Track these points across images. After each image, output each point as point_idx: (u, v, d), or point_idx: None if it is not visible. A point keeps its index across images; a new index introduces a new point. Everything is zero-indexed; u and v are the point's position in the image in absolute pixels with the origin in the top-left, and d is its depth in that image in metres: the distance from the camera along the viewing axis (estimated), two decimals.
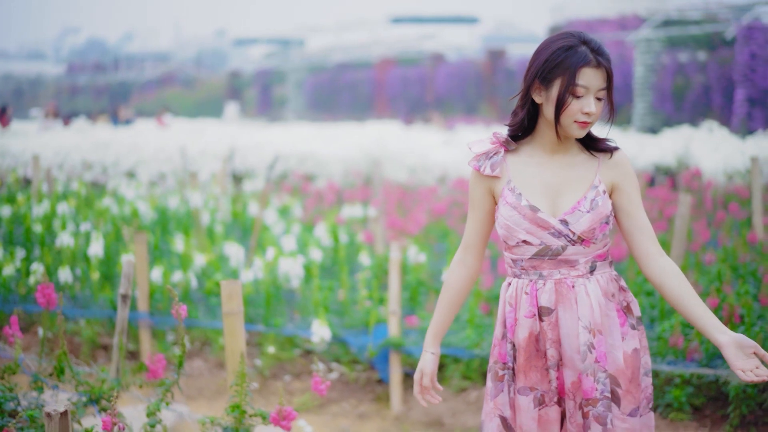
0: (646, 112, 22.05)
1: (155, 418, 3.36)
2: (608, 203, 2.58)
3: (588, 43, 2.54)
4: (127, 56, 59.11)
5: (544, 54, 2.56)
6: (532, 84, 2.58)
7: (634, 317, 2.63)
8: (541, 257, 2.60)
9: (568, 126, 2.56)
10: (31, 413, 3.28)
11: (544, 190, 2.61)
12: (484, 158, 2.66)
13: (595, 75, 2.53)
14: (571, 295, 2.59)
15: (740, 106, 18.64)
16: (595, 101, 2.55)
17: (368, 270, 6.17)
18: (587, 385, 2.56)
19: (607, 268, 2.63)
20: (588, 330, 2.57)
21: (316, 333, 4.99)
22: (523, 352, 2.62)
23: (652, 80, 22.01)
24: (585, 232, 2.56)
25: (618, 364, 2.58)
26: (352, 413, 5.03)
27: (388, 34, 39.34)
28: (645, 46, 22.35)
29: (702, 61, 21.97)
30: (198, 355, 5.69)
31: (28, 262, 6.25)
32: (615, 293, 2.63)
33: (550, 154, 2.64)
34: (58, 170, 11.94)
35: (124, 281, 3.83)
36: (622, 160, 2.62)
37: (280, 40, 45.35)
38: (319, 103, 35.11)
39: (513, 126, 2.65)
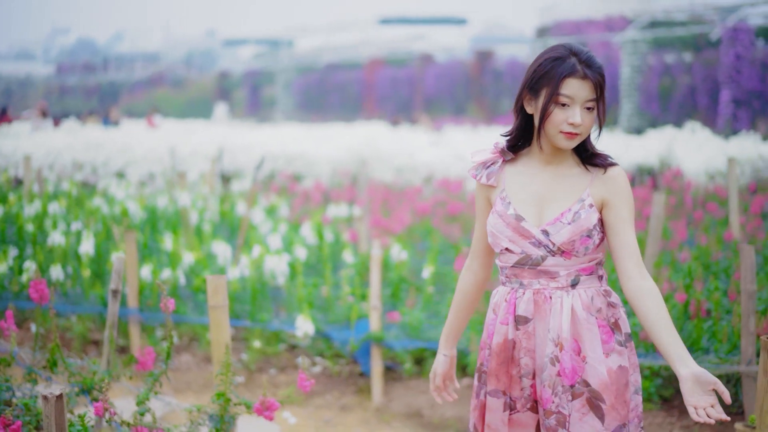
0: (632, 112, 22.27)
1: (145, 407, 3.52)
2: (593, 217, 2.55)
3: (577, 54, 2.54)
4: (117, 56, 59.11)
5: (534, 65, 2.59)
6: (523, 95, 2.61)
7: (623, 334, 2.60)
8: (522, 266, 2.61)
9: (554, 136, 2.56)
10: (26, 402, 3.45)
11: (533, 200, 2.62)
12: (482, 167, 2.71)
13: (581, 86, 2.52)
14: (547, 307, 2.59)
15: (725, 106, 18.86)
16: (583, 112, 2.53)
17: (352, 267, 6.35)
18: (545, 396, 2.57)
19: (594, 283, 2.61)
20: (554, 343, 2.56)
21: (300, 328, 5.18)
22: (496, 357, 2.65)
23: (638, 81, 22.22)
24: (565, 243, 2.55)
25: (601, 378, 2.54)
26: (334, 405, 5.22)
27: (377, 35, 39.49)
28: (631, 48, 22.56)
29: (688, 62, 22.18)
30: (186, 350, 5.87)
31: (20, 261, 6.41)
32: (602, 308, 2.59)
33: (543, 165, 2.64)
34: (49, 170, 12.08)
35: (114, 277, 3.99)
36: (616, 177, 2.58)
37: (269, 41, 45.43)
38: (308, 104, 35.26)
39: (508, 136, 2.69)
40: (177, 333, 6.03)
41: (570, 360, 2.54)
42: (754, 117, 18.73)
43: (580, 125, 2.52)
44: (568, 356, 2.54)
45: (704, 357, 4.69)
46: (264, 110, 37.06)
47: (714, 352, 4.74)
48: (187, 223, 7.23)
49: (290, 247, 6.84)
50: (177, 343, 5.94)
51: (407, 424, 4.93)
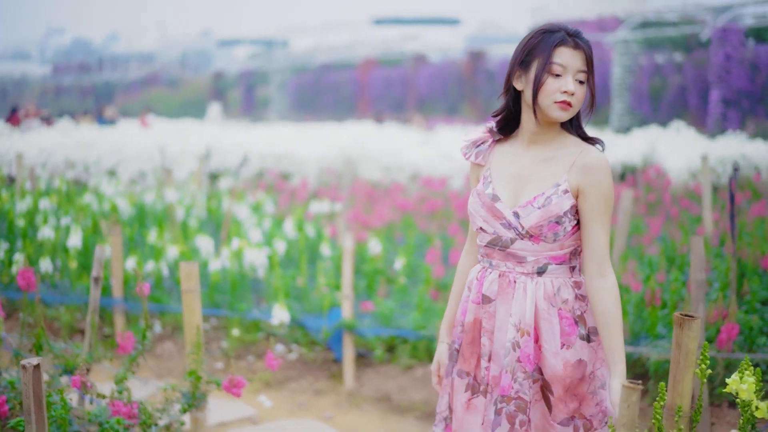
0: (623, 112, 22.48)
1: (123, 385, 3.76)
2: (564, 204, 2.51)
3: (565, 28, 2.54)
4: (112, 56, 59.30)
5: (523, 41, 2.57)
6: (513, 72, 2.58)
7: (587, 328, 2.57)
8: (493, 246, 2.60)
9: (547, 107, 2.51)
10: (11, 381, 3.69)
11: (511, 181, 2.60)
12: (473, 147, 2.71)
13: (573, 55, 2.50)
14: (510, 291, 2.57)
15: (715, 106, 19.06)
16: (575, 83, 2.51)
17: (329, 260, 6.61)
18: (505, 382, 2.54)
19: (564, 273, 2.58)
20: (516, 328, 2.54)
21: (276, 316, 5.42)
22: (466, 335, 2.66)
23: (629, 81, 22.43)
24: (533, 227, 2.52)
25: (554, 371, 2.54)
26: (309, 389, 5.48)
27: (370, 36, 39.76)
28: (623, 48, 22.78)
29: (678, 62, 22.38)
30: (169, 339, 6.12)
31: (11, 254, 6.66)
32: (569, 300, 2.56)
33: (526, 147, 2.61)
34: (42, 169, 12.31)
35: (96, 265, 4.23)
36: (596, 167, 2.52)
37: (264, 41, 45.69)
38: (302, 104, 35.47)
39: (497, 115, 2.68)
40: (160, 322, 6.28)
41: (530, 347, 2.54)
42: (743, 117, 18.92)
43: (575, 95, 2.50)
44: (530, 343, 2.53)
45: (659, 342, 4.96)
46: (258, 110, 37.27)
47: (668, 338, 5.00)
48: (173, 218, 7.46)
49: (271, 240, 7.09)
50: (160, 332, 6.19)
51: (377, 407, 5.19)
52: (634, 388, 2.03)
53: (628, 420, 2.04)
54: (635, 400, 2.04)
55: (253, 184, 11.62)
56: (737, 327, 4.65)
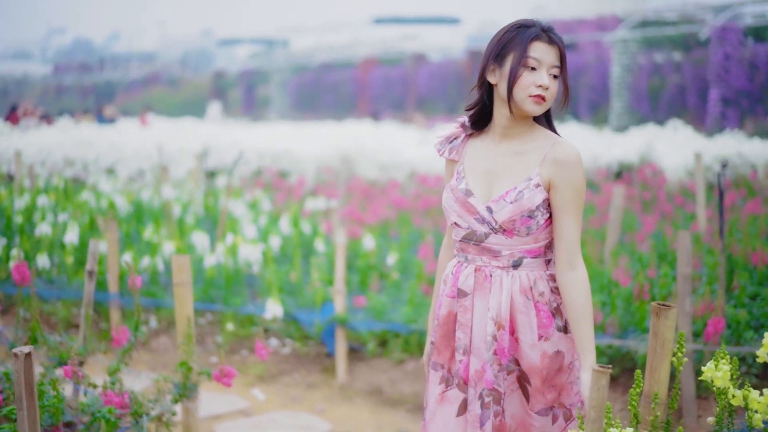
0: (622, 111, 22.52)
1: (116, 377, 3.83)
2: (536, 198, 2.53)
3: (540, 23, 2.57)
4: (113, 56, 59.39)
5: (497, 36, 2.59)
6: (487, 66, 2.59)
7: (563, 320, 2.60)
8: (468, 241, 2.62)
9: (522, 101, 2.54)
10: (6, 372, 3.75)
11: (484, 176, 2.62)
12: (447, 142, 2.72)
13: (547, 50, 2.54)
14: (487, 285, 2.59)
15: (714, 105, 19.11)
16: (549, 78, 2.54)
17: (323, 256, 6.68)
18: (489, 376, 2.57)
19: (540, 266, 2.60)
20: (494, 322, 2.57)
21: (269, 310, 5.49)
22: (440, 328, 2.69)
23: (628, 80, 22.47)
24: (506, 222, 2.54)
25: (531, 362, 2.57)
26: (302, 383, 5.55)
27: (370, 35, 39.83)
28: (622, 47, 22.82)
29: (677, 61, 22.42)
30: (164, 333, 6.19)
31: (8, 250, 6.72)
32: (545, 293, 2.59)
33: (498, 141, 2.63)
34: (41, 167, 12.38)
35: (90, 259, 4.29)
36: (567, 161, 2.54)
37: (264, 41, 45.75)
38: (302, 103, 35.53)
39: (470, 109, 2.68)
40: (156, 317, 6.35)
41: (507, 339, 2.57)
42: (742, 116, 18.96)
43: (549, 89, 2.53)
44: (506, 336, 2.57)
45: (647, 336, 5.02)
46: (258, 109, 37.34)
47: None
48: (170, 215, 7.53)
49: (266, 237, 7.16)
50: (155, 327, 6.26)
51: (368, 400, 5.26)
52: (603, 372, 2.09)
53: (598, 403, 2.10)
54: (604, 384, 2.10)
55: (251, 182, 11.70)
56: (723, 321, 4.71)
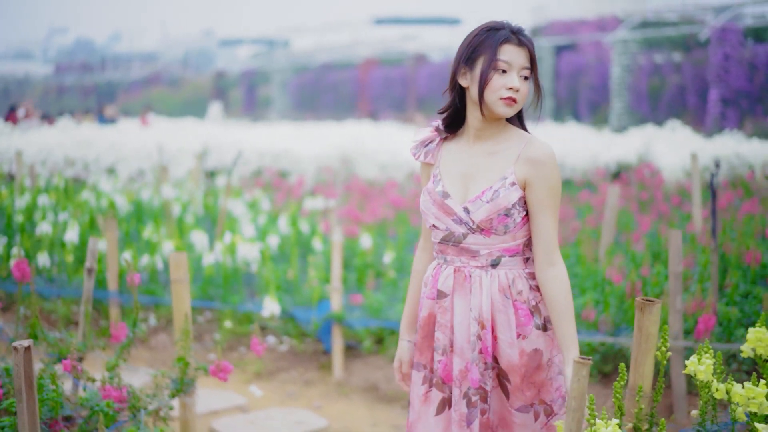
0: (622, 111, 22.58)
1: (114, 372, 3.89)
2: (512, 196, 2.55)
3: (509, 26, 2.59)
4: (115, 56, 59.52)
5: (468, 39, 2.61)
6: (458, 69, 2.61)
7: (542, 318, 2.62)
8: (446, 243, 2.64)
9: (493, 103, 2.56)
10: (6, 367, 3.82)
11: (460, 177, 2.64)
12: (422, 146, 2.74)
13: (517, 52, 2.56)
14: (467, 285, 2.62)
15: (714, 106, 19.16)
16: (519, 80, 2.56)
17: (320, 254, 6.75)
18: (474, 375, 2.60)
19: (518, 265, 2.63)
20: (477, 322, 2.60)
21: (267, 308, 5.56)
22: (421, 330, 2.72)
23: (628, 81, 22.53)
24: (483, 221, 2.56)
25: (510, 361, 2.60)
26: (299, 380, 5.62)
27: (371, 35, 39.91)
28: (622, 47, 22.88)
29: (677, 62, 22.47)
30: (163, 331, 6.26)
31: (9, 248, 6.80)
32: (523, 291, 2.61)
33: (472, 143, 2.66)
34: (41, 166, 12.45)
35: (89, 256, 4.35)
36: (542, 159, 2.57)
37: (265, 41, 45.84)
38: (303, 103, 35.61)
39: (443, 113, 2.71)
40: (155, 315, 6.42)
41: (489, 338, 2.60)
42: (742, 116, 19.00)
43: (519, 91, 2.56)
44: (489, 335, 2.60)
45: None
46: (259, 110, 37.42)
47: None
48: (169, 214, 7.60)
49: (265, 236, 7.23)
50: (154, 325, 6.33)
51: (364, 396, 5.33)
52: (584, 363, 2.16)
53: (579, 393, 2.16)
54: (585, 374, 2.16)
55: (251, 182, 11.77)
56: (714, 318, 4.77)
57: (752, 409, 2.61)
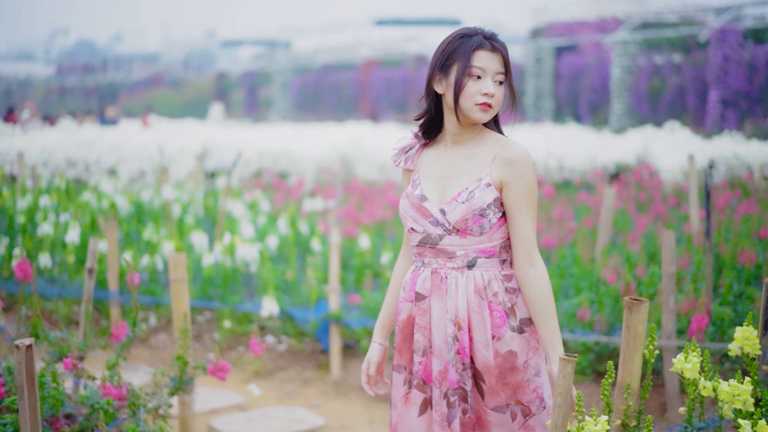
0: (623, 112, 22.63)
1: (115, 371, 3.95)
2: (487, 196, 2.58)
3: (482, 32, 2.62)
4: (116, 57, 59.62)
5: (442, 46, 2.64)
6: (433, 76, 2.65)
7: (517, 320, 2.64)
8: (424, 245, 2.67)
9: (468, 109, 2.59)
10: (8, 366, 3.88)
11: (437, 181, 2.67)
12: (402, 153, 2.78)
13: (490, 58, 2.59)
14: (443, 286, 2.64)
15: (713, 107, 19.21)
16: (494, 85, 2.59)
17: (319, 255, 6.82)
18: (452, 376, 2.62)
19: (494, 266, 2.65)
20: (453, 323, 2.62)
21: (265, 308, 5.62)
22: (400, 333, 2.74)
23: (628, 82, 22.58)
24: (458, 222, 2.59)
25: (485, 361, 2.62)
26: (297, 379, 5.69)
27: (372, 36, 39.96)
28: (622, 49, 22.93)
29: (677, 63, 22.52)
30: (163, 330, 6.33)
31: (11, 249, 6.87)
32: (499, 293, 2.63)
33: (450, 147, 2.69)
34: (43, 167, 12.53)
35: (89, 257, 4.42)
36: (517, 160, 2.60)
37: (266, 42, 45.93)
38: (304, 104, 35.68)
39: (419, 119, 2.74)
40: (155, 315, 6.49)
41: (466, 339, 2.62)
42: (741, 117, 19.04)
43: (494, 96, 2.59)
44: (466, 336, 2.62)
45: None
46: (261, 110, 37.50)
47: None
48: (169, 215, 7.66)
49: (264, 237, 7.30)
50: (155, 324, 6.39)
51: (361, 395, 5.38)
52: (569, 360, 2.22)
53: (564, 389, 2.22)
54: (570, 371, 2.22)
55: (251, 183, 11.83)
56: (707, 318, 4.83)
57: (737, 406, 2.67)
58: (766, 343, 3.03)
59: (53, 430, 3.46)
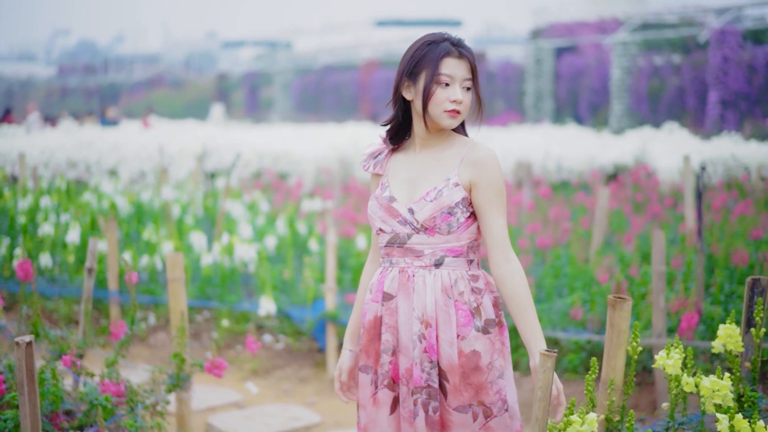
0: (622, 113, 22.66)
1: (113, 368, 4.03)
2: (455, 195, 2.62)
3: (449, 38, 2.66)
4: (117, 58, 59.72)
5: (409, 53, 2.68)
6: (401, 82, 2.69)
7: (482, 320, 2.66)
8: (392, 245, 2.70)
9: (437, 116, 2.64)
10: (9, 363, 3.96)
11: (405, 182, 2.72)
12: (371, 158, 2.81)
13: (458, 65, 2.63)
14: (410, 285, 2.66)
15: (713, 108, 19.24)
16: (462, 91, 2.63)
17: (316, 255, 6.90)
18: (416, 374, 2.63)
19: (461, 266, 2.68)
20: (420, 321, 2.64)
21: (263, 307, 5.71)
22: (366, 333, 2.74)
23: (628, 83, 22.62)
24: (427, 220, 2.62)
25: (450, 360, 2.63)
26: (294, 377, 5.77)
27: (372, 37, 40.04)
28: (622, 49, 22.96)
29: (677, 64, 22.55)
30: (162, 329, 6.41)
31: (12, 249, 6.95)
32: (465, 292, 2.66)
33: (418, 150, 2.74)
34: (44, 168, 12.61)
35: (89, 257, 4.50)
36: (484, 161, 2.65)
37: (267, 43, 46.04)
38: (305, 105, 35.73)
39: (387, 124, 2.78)
40: (154, 314, 6.57)
41: (434, 337, 2.64)
42: (741, 118, 19.07)
43: (462, 103, 2.63)
44: (434, 333, 2.63)
45: None
46: (262, 111, 37.54)
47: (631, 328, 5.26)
48: (169, 215, 7.74)
49: (262, 237, 7.38)
50: (154, 324, 6.48)
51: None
52: (549, 355, 2.29)
53: (545, 383, 2.30)
54: (551, 366, 2.30)
55: (251, 184, 11.91)
56: (697, 316, 4.90)
57: (716, 401, 2.75)
58: (749, 341, 3.10)
59: (53, 426, 3.53)
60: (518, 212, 8.77)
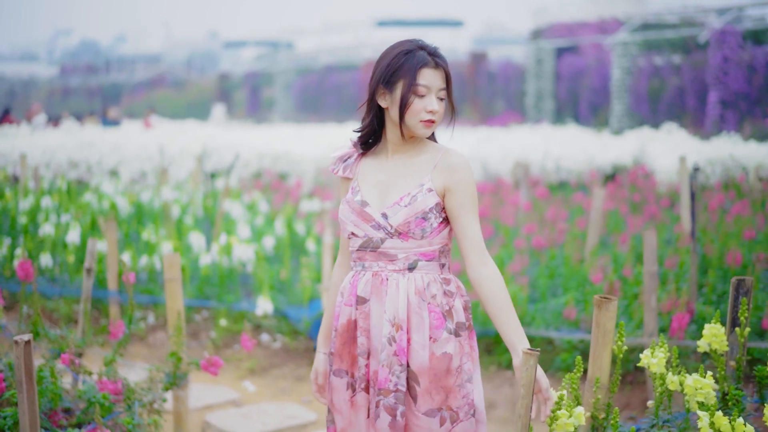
0: (623, 113, 22.69)
1: (111, 367, 4.10)
2: (429, 201, 2.65)
3: (425, 47, 2.67)
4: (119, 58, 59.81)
5: (385, 60, 2.67)
6: (377, 89, 2.69)
7: (454, 323, 2.68)
8: (365, 249, 2.70)
9: (413, 126, 2.66)
10: (9, 362, 4.03)
11: (378, 187, 2.73)
12: (340, 162, 2.81)
13: (434, 75, 2.64)
14: (383, 288, 2.68)
15: (713, 108, 19.27)
16: (437, 101, 2.65)
17: (313, 255, 6.97)
18: (382, 376, 2.64)
19: (434, 270, 2.70)
20: (391, 323, 2.65)
21: (260, 307, 5.77)
22: (340, 337, 2.75)
23: (628, 83, 22.65)
24: (401, 225, 2.64)
25: (421, 362, 2.64)
26: (290, 376, 5.84)
27: (373, 37, 40.08)
28: (622, 50, 23.00)
29: (677, 64, 22.58)
30: (161, 329, 6.48)
31: (13, 249, 7.02)
32: (437, 295, 2.68)
33: (390, 156, 2.75)
34: (45, 168, 12.68)
35: (88, 257, 4.56)
36: (457, 166, 2.68)
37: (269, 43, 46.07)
38: (306, 105, 35.77)
39: (361, 130, 2.78)
40: (153, 314, 6.64)
41: (405, 340, 2.65)
42: (740, 118, 19.10)
43: (437, 113, 2.65)
44: (405, 336, 2.65)
45: None
46: (263, 111, 37.58)
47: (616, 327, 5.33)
48: (169, 216, 7.81)
49: (261, 237, 7.45)
50: (153, 323, 6.55)
51: None
52: (531, 354, 2.36)
53: (528, 381, 2.37)
54: (533, 364, 2.36)
55: (251, 184, 11.98)
56: (688, 316, 4.96)
57: (699, 399, 2.81)
58: (734, 340, 3.16)
59: (52, 423, 3.60)
60: (515, 213, 8.83)
